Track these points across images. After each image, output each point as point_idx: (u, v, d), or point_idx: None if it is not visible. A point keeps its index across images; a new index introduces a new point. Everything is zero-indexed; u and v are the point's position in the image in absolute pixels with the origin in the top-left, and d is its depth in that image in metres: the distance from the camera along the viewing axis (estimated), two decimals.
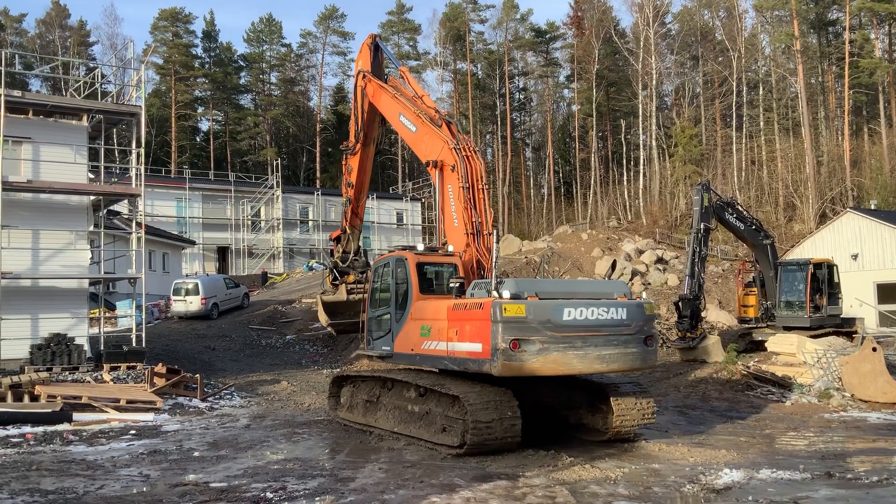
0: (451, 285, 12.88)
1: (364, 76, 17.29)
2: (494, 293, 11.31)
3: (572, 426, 13.56)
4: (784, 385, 19.97)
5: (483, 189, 13.95)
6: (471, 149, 14.15)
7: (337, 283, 18.71)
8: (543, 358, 11.13)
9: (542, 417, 13.52)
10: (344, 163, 18.94)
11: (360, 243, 19.03)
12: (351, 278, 19.05)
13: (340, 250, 18.81)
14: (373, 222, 61.32)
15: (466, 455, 11.44)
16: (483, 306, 11.26)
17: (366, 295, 15.28)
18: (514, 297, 11.27)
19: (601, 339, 11.59)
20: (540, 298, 11.48)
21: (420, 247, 14.26)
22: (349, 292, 18.89)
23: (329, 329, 19.24)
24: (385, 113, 16.56)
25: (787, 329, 24.30)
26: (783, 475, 10.51)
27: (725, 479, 10.17)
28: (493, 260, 12.62)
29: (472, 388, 11.65)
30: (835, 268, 25.83)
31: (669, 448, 12.56)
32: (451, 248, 14.09)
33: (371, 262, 17.54)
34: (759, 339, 24.83)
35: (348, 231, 18.74)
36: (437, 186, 14.46)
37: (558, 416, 13.72)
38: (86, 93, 24.43)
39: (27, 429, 14.32)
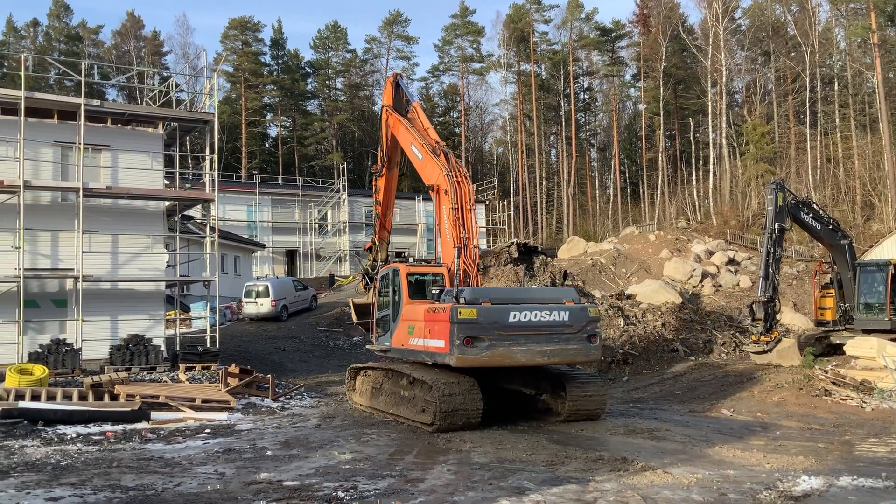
0: (433, 292, 15.21)
1: (387, 110, 19.43)
2: (453, 299, 13.64)
3: (540, 410, 15.74)
4: (864, 390, 19.27)
5: (471, 209, 15.81)
6: (462, 175, 16.02)
7: (368, 287, 20.15)
8: (491, 352, 13.40)
9: (517, 402, 16.09)
10: (373, 183, 21.03)
11: (389, 252, 20.98)
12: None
13: (371, 259, 20.64)
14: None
15: (436, 431, 13.63)
16: (446, 310, 13.52)
17: (373, 299, 18.10)
18: (471, 302, 13.50)
19: (543, 338, 13.79)
20: (493, 304, 13.70)
21: (411, 259, 17.23)
22: None
23: (359, 327, 21.01)
24: (401, 142, 18.65)
25: (867, 332, 23.43)
26: (864, 483, 10.14)
27: (804, 486, 9.86)
28: (456, 271, 14.87)
29: (443, 377, 13.93)
30: None
31: (744, 454, 12.25)
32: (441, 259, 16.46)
33: None
34: (837, 342, 24.01)
35: (377, 243, 20.65)
36: (435, 207, 16.59)
37: (530, 401, 15.98)
38: (160, 101, 25.20)
39: (108, 427, 14.80)
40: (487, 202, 66.86)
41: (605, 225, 73.87)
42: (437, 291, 15.01)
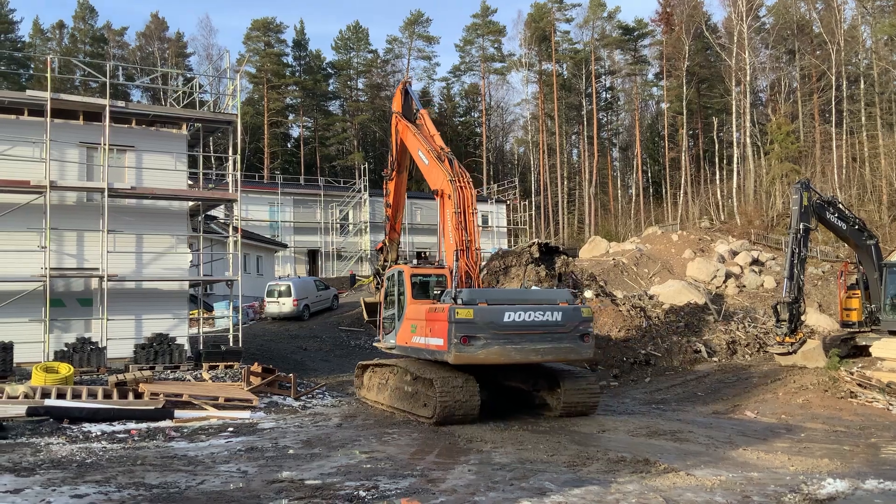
0: (435, 292, 16.27)
1: (396, 116, 20.25)
2: (451, 300, 14.50)
3: (538, 405, 16.65)
4: (890, 392, 19.01)
5: (473, 213, 16.50)
6: (465, 181, 16.75)
7: (379, 287, 20.73)
8: (487, 350, 14.17)
9: (517, 398, 17.02)
10: (384, 186, 21.96)
11: (399, 253, 21.92)
12: None
13: (382, 259, 21.51)
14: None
15: (436, 424, 14.54)
16: (444, 310, 14.32)
17: (380, 298, 18.94)
18: (468, 303, 14.27)
19: (537, 336, 14.57)
20: (489, 304, 14.44)
21: (415, 261, 18.11)
22: None
23: (370, 324, 21.65)
24: (409, 147, 19.52)
25: (893, 333, 23.12)
26: (891, 486, 10.00)
27: (829, 489, 9.76)
28: (454, 273, 15.73)
29: (442, 373, 14.80)
30: None
31: (768, 456, 12.14)
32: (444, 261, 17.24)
33: None
34: (863, 343, 23.73)
35: (387, 244, 21.65)
36: (439, 210, 17.38)
37: (529, 397, 16.87)
38: (184, 102, 25.39)
39: (132, 425, 14.94)
40: (509, 202, 66.74)
41: (628, 225, 73.47)
42: (439, 292, 15.98)
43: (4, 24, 76.82)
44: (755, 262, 39.88)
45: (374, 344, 19.38)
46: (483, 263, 36.65)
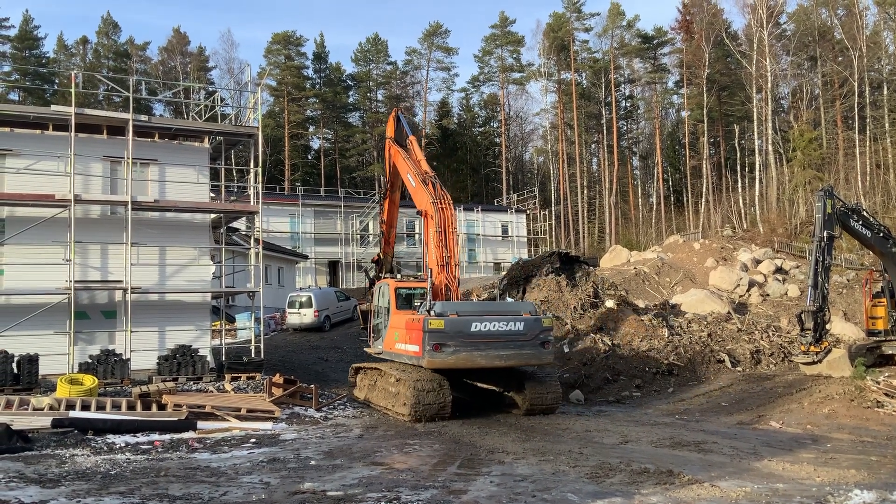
0: (416, 304, 18.01)
1: (389, 141, 22.09)
2: (425, 312, 16.34)
3: (508, 404, 18.35)
4: None
5: (453, 232, 18.20)
6: (446, 202, 18.37)
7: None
8: (456, 356, 16.06)
9: (490, 398, 18.89)
10: (380, 204, 23.55)
11: (393, 265, 23.99)
12: None
13: (376, 271, 23.32)
14: (478, 234, 61.55)
15: (412, 420, 16.22)
16: (419, 320, 16.16)
17: (371, 308, 20.81)
18: (440, 314, 16.11)
19: (500, 344, 16.38)
20: (459, 316, 16.23)
21: (399, 275, 21.15)
22: None
23: (364, 330, 23.15)
24: (399, 170, 21.23)
25: None
26: None
27: (856, 501, 9.61)
28: (429, 288, 17.32)
29: (419, 376, 16.47)
30: None
31: (794, 467, 11.99)
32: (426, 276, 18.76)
33: None
34: (890, 352, 23.44)
35: (382, 257, 23.55)
36: (423, 229, 18.99)
37: (500, 396, 18.64)
38: (206, 116, 25.63)
39: (155, 436, 15.03)
40: (528, 211, 66.65)
41: (649, 234, 73.10)
42: (419, 304, 17.65)
43: (30, 41, 78.08)
44: (779, 270, 39.54)
45: (365, 349, 20.96)
46: (502, 275, 36.53)
